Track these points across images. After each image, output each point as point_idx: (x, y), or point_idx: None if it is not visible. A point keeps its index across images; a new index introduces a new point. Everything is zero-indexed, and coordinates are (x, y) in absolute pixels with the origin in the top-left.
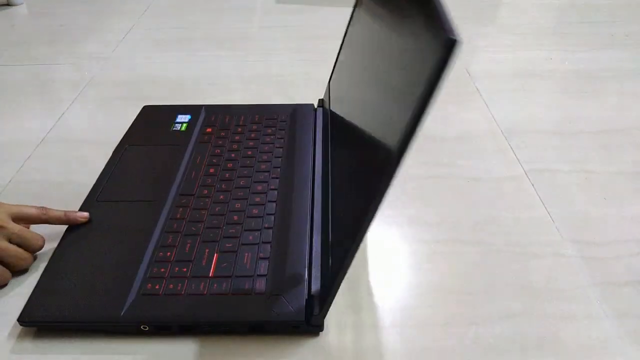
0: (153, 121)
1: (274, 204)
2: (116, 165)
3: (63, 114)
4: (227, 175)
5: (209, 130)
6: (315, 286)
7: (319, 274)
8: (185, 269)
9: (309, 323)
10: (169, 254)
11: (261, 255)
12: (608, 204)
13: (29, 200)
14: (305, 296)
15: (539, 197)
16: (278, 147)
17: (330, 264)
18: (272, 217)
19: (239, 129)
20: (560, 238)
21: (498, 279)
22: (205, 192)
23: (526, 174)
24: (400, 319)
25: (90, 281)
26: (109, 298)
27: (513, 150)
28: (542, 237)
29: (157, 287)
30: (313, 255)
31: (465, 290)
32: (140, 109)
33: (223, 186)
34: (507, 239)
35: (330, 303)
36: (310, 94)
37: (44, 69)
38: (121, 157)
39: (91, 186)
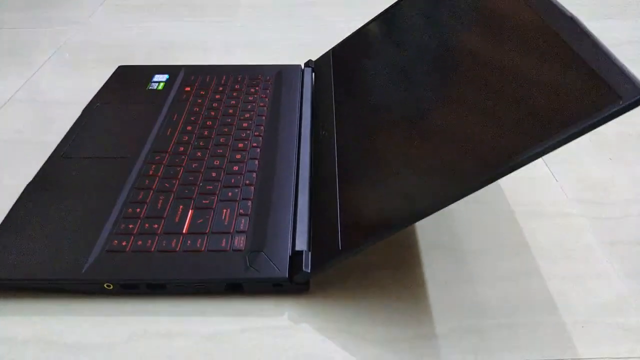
0: (128, 81)
1: (256, 162)
2: (85, 123)
3: (33, 74)
4: (205, 132)
5: (187, 89)
6: (301, 243)
7: (305, 230)
8: (156, 225)
9: (293, 281)
10: (138, 210)
11: (241, 211)
12: (614, 164)
13: None
14: (289, 252)
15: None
16: (262, 106)
17: (339, 221)
18: (254, 175)
19: (220, 88)
20: (565, 198)
21: (500, 238)
22: (181, 149)
23: None
24: (396, 278)
25: (50, 238)
26: (69, 255)
27: None
28: (546, 196)
29: (123, 243)
30: (298, 212)
31: (466, 249)
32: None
33: (201, 143)
34: (507, 198)
35: (336, 262)
36: (298, 58)
37: (16, 33)
38: (91, 114)
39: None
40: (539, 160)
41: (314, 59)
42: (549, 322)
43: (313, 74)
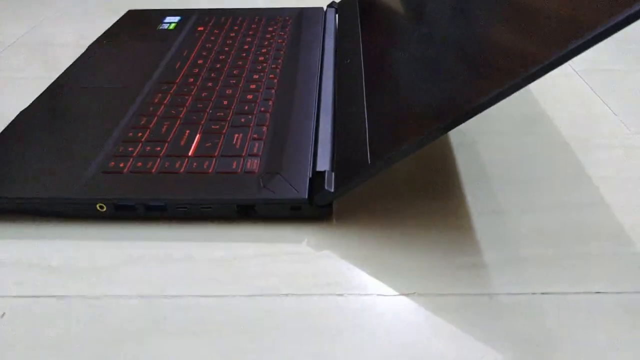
0: (137, 22)
1: (272, 90)
2: (89, 58)
3: (41, 22)
4: (217, 65)
5: (200, 28)
6: (323, 164)
7: (327, 153)
8: (158, 148)
9: (313, 203)
10: (140, 134)
11: (254, 136)
12: None
13: None
14: (309, 174)
15: (597, 95)
16: (280, 42)
17: (367, 135)
18: (270, 102)
19: (236, 27)
20: (628, 131)
21: (557, 168)
22: (191, 80)
23: (577, 73)
24: (434, 208)
25: (41, 160)
26: (60, 176)
27: None
28: (605, 130)
29: (121, 165)
30: (320, 135)
31: (517, 179)
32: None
33: (212, 75)
34: (562, 132)
35: (364, 179)
36: (320, 3)
37: None
38: (96, 51)
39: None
40: (596, 98)
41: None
42: (621, 253)
43: (337, 14)
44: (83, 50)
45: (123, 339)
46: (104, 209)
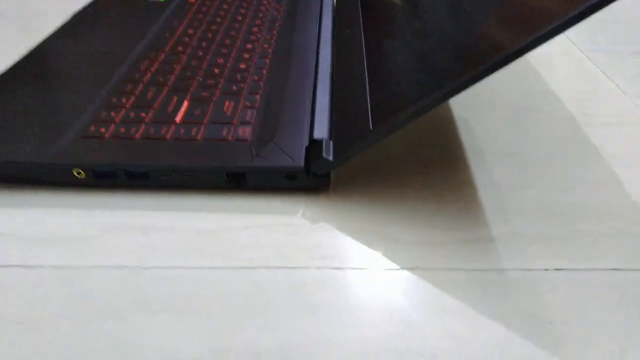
0: None
1: (267, 60)
2: (73, 24)
3: None
4: (209, 35)
5: (192, 0)
6: (321, 132)
7: (325, 121)
8: (143, 114)
9: (309, 172)
10: (124, 100)
11: (247, 104)
12: None
13: None
14: (306, 143)
15: (604, 73)
16: (275, 14)
17: (368, 101)
18: (264, 71)
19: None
20: (637, 108)
21: (565, 144)
22: (180, 48)
23: (583, 53)
24: (437, 181)
25: (17, 125)
26: (37, 141)
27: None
28: (614, 107)
29: (102, 130)
30: (317, 103)
31: (524, 154)
32: None
33: (203, 44)
34: (569, 109)
35: (366, 146)
36: None
37: None
38: (82, 18)
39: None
40: (603, 76)
41: None
42: (635, 230)
43: None
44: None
45: (99, 314)
46: (83, 176)
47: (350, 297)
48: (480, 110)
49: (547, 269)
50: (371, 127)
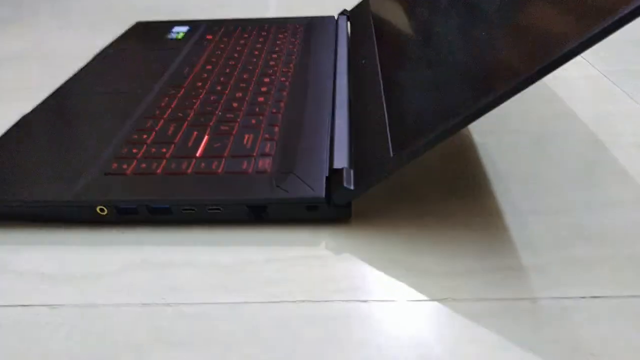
0: (145, 33)
1: (285, 93)
2: (95, 65)
3: (48, 34)
4: (227, 70)
5: (209, 37)
6: (341, 162)
7: (344, 149)
8: (164, 150)
9: (331, 202)
10: (145, 136)
11: (266, 136)
12: None
13: None
14: (326, 173)
15: (625, 92)
16: (291, 48)
17: (388, 129)
18: (281, 104)
19: (246, 35)
20: None
21: (593, 166)
22: (199, 84)
23: (602, 73)
24: (462, 208)
25: (42, 164)
26: (61, 179)
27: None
28: (639, 127)
29: (124, 166)
30: (336, 132)
31: (547, 178)
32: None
33: (221, 79)
34: (592, 129)
35: (387, 173)
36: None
37: None
38: (102, 59)
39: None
40: (624, 96)
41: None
42: None
43: (348, 22)
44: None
45: (121, 351)
46: (105, 213)
47: (377, 331)
48: (501, 136)
49: (583, 297)
50: (391, 154)
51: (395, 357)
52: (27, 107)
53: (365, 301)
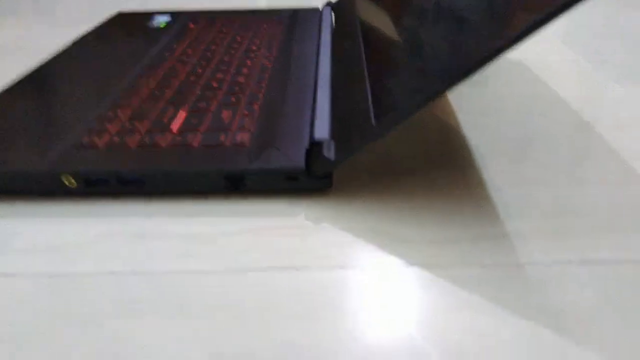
0: (126, 22)
1: (266, 74)
2: (72, 50)
3: (29, 27)
4: (208, 54)
5: (192, 26)
6: (322, 133)
7: (326, 123)
8: (139, 125)
9: (311, 173)
10: (120, 113)
11: (245, 112)
12: None
13: None
14: (306, 145)
15: (609, 77)
16: (275, 34)
17: (370, 99)
18: (263, 84)
19: (229, 24)
20: None
21: (581, 146)
22: (179, 67)
23: (588, 62)
24: (445, 180)
25: (10, 137)
26: (29, 151)
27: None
28: (627, 111)
29: (96, 140)
30: (317, 107)
31: (534, 155)
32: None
33: (202, 62)
34: (582, 113)
35: (370, 141)
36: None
37: None
38: (82, 43)
39: None
40: (608, 80)
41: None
42: None
43: (333, 13)
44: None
45: (88, 320)
46: (74, 184)
47: (359, 297)
48: (484, 114)
49: (570, 262)
50: (373, 123)
51: (378, 324)
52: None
53: (345, 268)
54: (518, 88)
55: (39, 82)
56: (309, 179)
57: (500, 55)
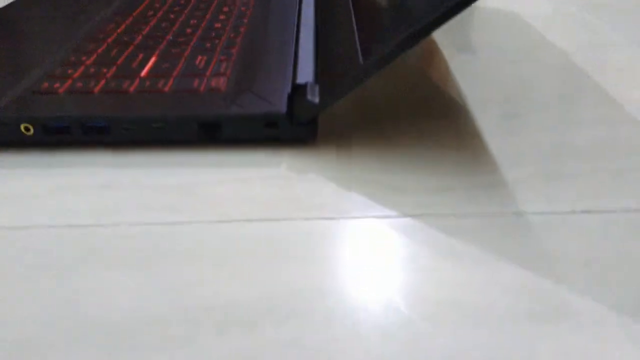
0: None
1: (245, 20)
2: None
3: None
4: (181, 1)
5: None
6: (305, 78)
7: (310, 66)
8: (105, 70)
9: (293, 119)
10: (84, 58)
11: (222, 58)
12: None
13: None
14: (289, 89)
15: (606, 25)
16: None
17: (357, 39)
18: (241, 29)
19: None
20: None
21: (576, 90)
22: (150, 13)
23: (582, 10)
24: (437, 128)
25: None
26: None
27: None
28: (621, 56)
29: (56, 85)
30: (300, 51)
31: (526, 100)
32: None
33: (175, 8)
34: (575, 58)
35: (357, 83)
36: None
37: None
38: None
39: None
40: (604, 28)
41: None
42: None
43: None
44: None
45: (47, 271)
46: (31, 132)
47: (345, 247)
48: (478, 62)
49: (574, 212)
50: (361, 62)
51: (367, 274)
52: None
53: (332, 218)
54: (512, 38)
55: None
56: (291, 126)
57: None
